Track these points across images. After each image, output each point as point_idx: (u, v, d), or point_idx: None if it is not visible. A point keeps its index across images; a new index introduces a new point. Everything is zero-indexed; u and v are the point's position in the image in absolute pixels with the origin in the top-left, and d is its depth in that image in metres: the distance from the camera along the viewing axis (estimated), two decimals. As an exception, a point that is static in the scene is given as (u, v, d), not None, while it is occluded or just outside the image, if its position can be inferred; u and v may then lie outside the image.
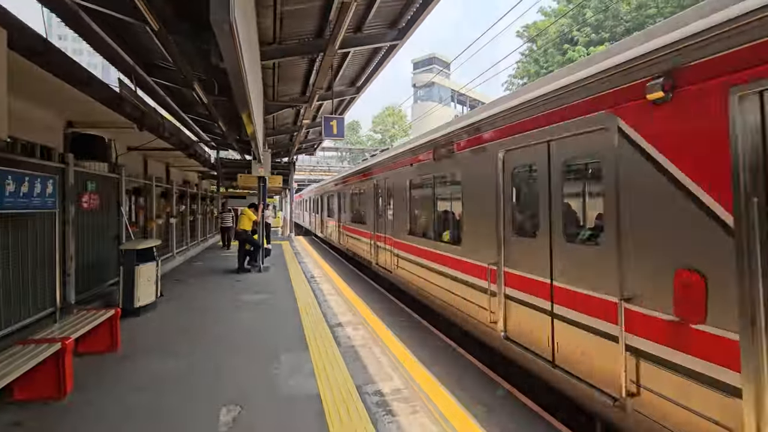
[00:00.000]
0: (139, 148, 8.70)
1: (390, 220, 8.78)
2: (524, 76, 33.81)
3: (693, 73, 2.59)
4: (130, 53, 7.05)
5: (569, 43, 29.00)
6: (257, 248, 11.11)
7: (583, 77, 3.43)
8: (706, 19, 2.50)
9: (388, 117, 65.21)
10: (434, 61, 61.94)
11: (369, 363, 4.65)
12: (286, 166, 21.39)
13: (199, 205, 16.49)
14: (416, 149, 7.28)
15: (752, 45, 2.28)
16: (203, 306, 7.35)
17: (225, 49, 2.90)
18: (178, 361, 4.72)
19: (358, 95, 11.01)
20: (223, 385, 4.08)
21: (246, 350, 5.09)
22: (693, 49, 2.58)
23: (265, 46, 6.98)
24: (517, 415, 3.68)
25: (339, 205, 15.33)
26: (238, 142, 14.56)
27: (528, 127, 4.14)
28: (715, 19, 2.44)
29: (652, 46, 2.84)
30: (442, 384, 4.13)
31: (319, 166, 55.20)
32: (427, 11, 6.45)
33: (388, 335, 5.66)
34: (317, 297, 8.00)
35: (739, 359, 2.27)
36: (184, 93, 9.58)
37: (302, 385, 4.08)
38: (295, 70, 9.03)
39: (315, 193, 23.77)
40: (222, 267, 11.82)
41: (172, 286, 8.92)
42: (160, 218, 10.60)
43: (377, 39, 7.46)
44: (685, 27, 2.63)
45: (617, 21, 27.09)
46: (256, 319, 6.47)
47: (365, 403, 3.69)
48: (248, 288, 8.87)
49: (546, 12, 32.92)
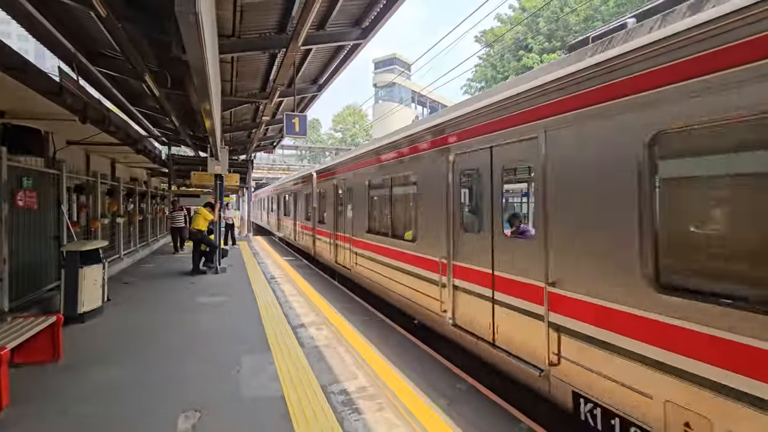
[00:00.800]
0: (81, 143, 8.08)
1: (349, 220, 9.02)
2: (482, 80, 34.92)
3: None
4: (71, 39, 6.52)
5: (524, 50, 30.30)
6: (213, 249, 10.68)
7: (520, 92, 3.94)
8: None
9: (348, 116, 64.95)
10: (395, 62, 62.40)
11: (334, 362, 4.62)
12: (244, 163, 20.69)
13: (149, 204, 15.59)
14: (374, 151, 7.63)
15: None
16: (156, 310, 6.97)
17: (188, 42, 2.75)
18: (130, 368, 4.45)
19: (320, 93, 10.86)
20: (180, 392, 3.90)
21: (204, 354, 4.89)
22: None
23: (223, 39, 6.72)
24: (478, 406, 3.81)
25: (299, 205, 15.57)
26: (192, 138, 13.91)
27: (473, 134, 4.64)
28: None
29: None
30: (407, 380, 4.19)
31: (277, 164, 53.98)
32: (391, 11, 6.48)
33: (353, 334, 5.65)
34: (278, 298, 7.83)
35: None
36: (132, 85, 9.01)
37: (265, 387, 3.99)
38: (255, 65, 8.76)
39: (274, 192, 23.21)
40: (175, 269, 11.25)
41: (120, 289, 8.37)
42: (105, 218, 9.91)
43: (341, 37, 7.40)
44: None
45: (567, 31, 28.66)
46: (214, 322, 6.23)
47: (331, 403, 3.67)
48: (204, 290, 8.51)
49: (502, 19, 34.18)
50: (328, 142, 64.47)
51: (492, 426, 3.50)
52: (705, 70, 2.50)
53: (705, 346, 2.43)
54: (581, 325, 3.26)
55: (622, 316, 2.93)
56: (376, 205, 7.94)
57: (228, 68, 8.26)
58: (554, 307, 3.51)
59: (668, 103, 2.69)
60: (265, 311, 6.81)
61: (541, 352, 3.60)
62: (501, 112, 4.20)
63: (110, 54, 7.40)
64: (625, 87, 2.95)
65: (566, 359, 3.37)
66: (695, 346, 2.49)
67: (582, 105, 3.30)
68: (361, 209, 8.35)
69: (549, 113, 3.62)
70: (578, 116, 3.33)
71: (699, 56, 2.53)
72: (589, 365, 3.18)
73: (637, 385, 2.82)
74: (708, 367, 2.41)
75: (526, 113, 3.86)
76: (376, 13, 6.78)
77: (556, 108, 3.56)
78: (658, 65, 2.75)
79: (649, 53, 2.79)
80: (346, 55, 8.47)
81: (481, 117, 4.52)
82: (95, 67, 7.54)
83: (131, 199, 12.73)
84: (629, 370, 2.87)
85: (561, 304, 3.45)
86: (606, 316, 3.05)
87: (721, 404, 2.34)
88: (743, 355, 2.25)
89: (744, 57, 2.33)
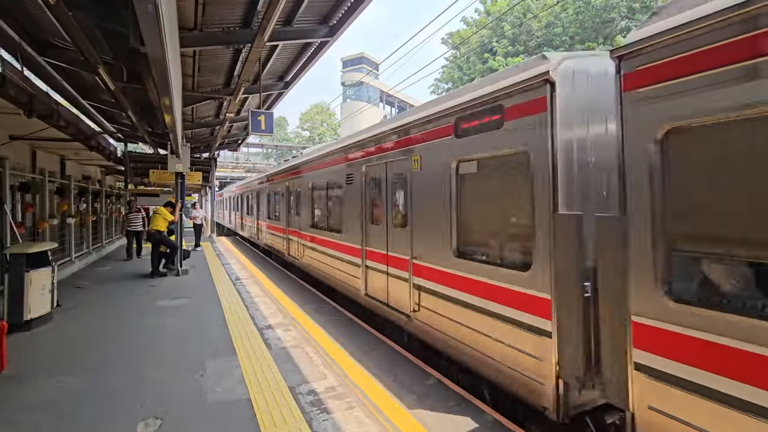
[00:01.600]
0: (26, 138, 7.53)
1: (297, 216, 10.55)
2: (449, 81, 35.52)
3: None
4: (14, 26, 6.08)
5: (489, 53, 31.08)
6: (174, 250, 10.26)
7: (401, 123, 5.44)
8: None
9: (316, 115, 64.16)
10: (363, 61, 62.28)
11: (302, 363, 4.57)
12: (207, 162, 20.03)
13: (103, 204, 14.74)
14: (313, 160, 9.29)
15: None
16: (112, 315, 6.61)
17: (147, 33, 2.62)
18: (83, 376, 4.21)
19: (287, 90, 10.69)
20: (138, 399, 3.73)
21: (166, 360, 4.70)
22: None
23: (184, 32, 6.48)
24: (445, 400, 3.89)
25: (258, 204, 16.50)
26: (151, 134, 13.29)
27: (377, 152, 6.13)
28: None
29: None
30: (376, 378, 4.22)
31: (241, 163, 52.61)
32: (359, 10, 6.49)
33: (321, 334, 5.61)
34: (244, 299, 7.64)
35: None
36: (85, 77, 8.51)
37: (231, 390, 3.89)
38: (218, 60, 8.50)
39: (238, 192, 22.63)
40: (133, 271, 10.72)
41: (72, 294, 7.89)
42: (54, 218, 9.29)
43: (308, 34, 7.32)
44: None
45: (530, 36, 29.66)
46: (176, 326, 6.00)
47: (299, 404, 3.63)
48: (165, 293, 8.16)
49: (468, 22, 34.90)
50: (295, 141, 63.44)
51: (459, 419, 3.59)
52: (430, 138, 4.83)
53: (476, 287, 4.07)
54: (428, 283, 4.82)
55: (444, 274, 4.52)
56: (316, 204, 9.34)
57: (189, 62, 7.97)
58: (415, 272, 5.07)
59: (458, 146, 4.32)
60: (230, 313, 6.63)
61: (408, 304, 5.18)
62: (388, 137, 5.78)
63: (60, 44, 6.95)
64: (425, 137, 4.91)
65: (422, 306, 4.94)
66: (474, 287, 4.09)
67: (415, 142, 5.10)
68: (306, 208, 9.76)
69: (411, 143, 5.22)
70: (423, 147, 4.94)
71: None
72: (432, 309, 4.75)
73: (451, 315, 4.41)
74: (477, 298, 4.04)
75: (401, 141, 5.44)
76: (343, 11, 6.76)
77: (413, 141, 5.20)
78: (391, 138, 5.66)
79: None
80: (313, 53, 8.38)
81: (377, 140, 6.09)
82: (43, 57, 7.06)
83: (83, 198, 11.97)
84: (448, 308, 4.45)
85: (418, 270, 5.01)
86: (438, 276, 4.63)
87: (480, 318, 4.01)
88: (492, 291, 3.86)
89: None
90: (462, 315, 4.23)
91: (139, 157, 17.25)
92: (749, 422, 2.10)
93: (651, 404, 2.56)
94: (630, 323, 2.66)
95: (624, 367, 2.72)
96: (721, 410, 2.21)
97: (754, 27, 2.12)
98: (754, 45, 2.12)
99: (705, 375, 2.29)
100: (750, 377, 2.11)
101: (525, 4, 29.61)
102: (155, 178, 14.24)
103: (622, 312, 2.74)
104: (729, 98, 2.21)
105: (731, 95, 2.21)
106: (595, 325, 3.01)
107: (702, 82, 2.33)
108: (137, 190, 22.18)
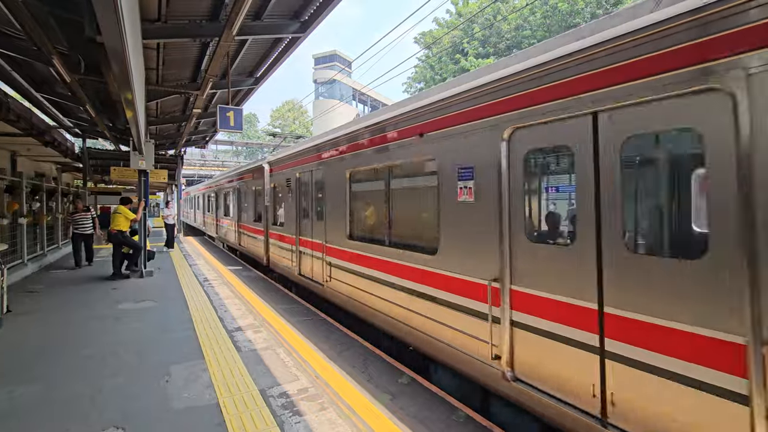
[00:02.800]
0: (-28, 132, 7.02)
1: (242, 212, 13.40)
2: (422, 80, 35.79)
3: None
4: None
5: (461, 54, 31.54)
6: (138, 250, 9.81)
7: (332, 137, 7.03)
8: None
9: (288, 112, 63.10)
10: (336, 58, 61.74)
11: (273, 365, 4.48)
12: (173, 159, 19.30)
13: (59, 203, 13.93)
14: (246, 168, 12.14)
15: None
16: (68, 320, 6.25)
17: (104, 22, 2.46)
18: (36, 386, 3.96)
19: (257, 87, 10.41)
20: (98, 408, 3.54)
21: (128, 366, 4.49)
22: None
23: (147, 23, 6.19)
24: (419, 398, 3.92)
25: (214, 203, 18.86)
26: (112, 130, 12.64)
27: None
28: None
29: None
30: (349, 377, 4.19)
31: (210, 160, 51.15)
32: (331, 6, 6.39)
33: (293, 335, 5.52)
34: (213, 301, 7.41)
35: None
36: (38, 68, 7.99)
37: (198, 396, 3.76)
38: (184, 54, 8.18)
39: (206, 190, 21.98)
40: (92, 274, 10.18)
41: (24, 299, 7.41)
42: (4, 218, 8.69)
43: (278, 29, 7.15)
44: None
45: (500, 38, 30.32)
46: (140, 331, 5.74)
47: (270, 407, 3.55)
48: (128, 296, 7.81)
49: (440, 23, 35.27)
50: (265, 138, 62.15)
51: (432, 416, 3.62)
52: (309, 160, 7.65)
53: (355, 257, 5.95)
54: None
55: (342, 252, 6.36)
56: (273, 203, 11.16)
57: (153, 55, 7.62)
58: (326, 252, 6.89)
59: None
60: (198, 316, 6.42)
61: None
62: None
63: (9, 32, 6.49)
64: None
65: (331, 278, 6.70)
66: (358, 258, 5.88)
67: (325, 157, 7.12)
68: (256, 206, 11.89)
69: (315, 159, 7.52)
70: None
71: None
72: (336, 278, 6.53)
73: (347, 280, 6.19)
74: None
75: (316, 156, 7.48)
76: (315, 7, 6.65)
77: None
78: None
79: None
80: (284, 49, 8.21)
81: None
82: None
83: (37, 197, 11.27)
84: (348, 277, 6.16)
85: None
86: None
87: (355, 278, 5.95)
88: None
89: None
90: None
91: (100, 153, 16.40)
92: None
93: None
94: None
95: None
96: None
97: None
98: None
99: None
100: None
101: (495, 7, 30.23)
102: (117, 176, 13.59)
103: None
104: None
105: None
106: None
107: None
108: (98, 188, 21.12)
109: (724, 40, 2.16)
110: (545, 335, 3.11)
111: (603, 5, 25.75)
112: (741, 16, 2.10)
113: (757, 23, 2.05)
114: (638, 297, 2.52)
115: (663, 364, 2.38)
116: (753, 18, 2.06)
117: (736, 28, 2.11)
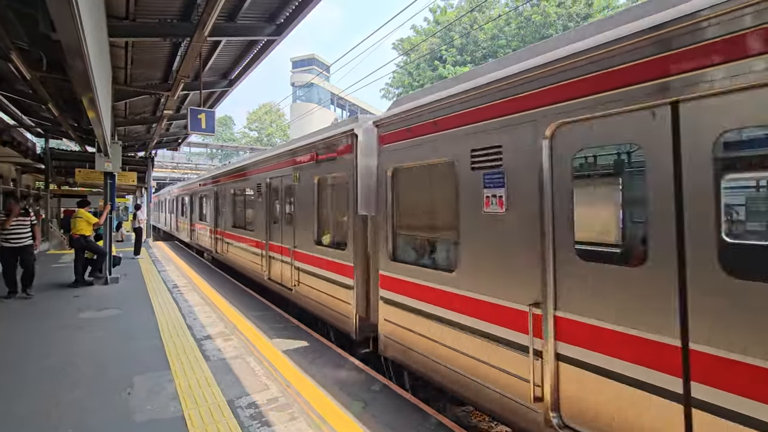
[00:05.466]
0: None
1: (214, 216, 13.08)
2: (399, 86, 36.03)
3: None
4: None
5: (439, 61, 31.96)
6: (102, 256, 9.39)
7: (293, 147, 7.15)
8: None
9: (265, 115, 62.27)
10: (314, 62, 61.50)
11: (243, 375, 4.36)
12: (143, 161, 18.69)
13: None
14: (225, 172, 11.74)
15: None
16: (23, 330, 5.91)
17: (58, 17, 2.34)
18: (-16, 403, 3.70)
19: (231, 89, 10.22)
20: (53, 424, 3.34)
21: (87, 378, 4.27)
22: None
23: (114, 20, 5.99)
24: (390, 406, 3.89)
25: (180, 207, 18.94)
26: (77, 130, 12.14)
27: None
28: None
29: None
30: (321, 386, 4.12)
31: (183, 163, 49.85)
32: (307, 9, 6.34)
33: (265, 343, 5.40)
34: (181, 309, 7.17)
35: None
36: (-5, 64, 7.59)
37: (162, 408, 3.61)
38: (155, 53, 7.94)
39: (179, 194, 21.34)
40: (52, 280, 9.66)
41: (-26, 308, 6.95)
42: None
43: (253, 31, 7.05)
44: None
45: (477, 47, 30.93)
46: (102, 340, 5.48)
47: (238, 418, 3.45)
48: (91, 304, 7.45)
49: (418, 30, 35.68)
50: (242, 141, 61.08)
51: (405, 424, 3.60)
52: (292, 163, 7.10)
53: (318, 261, 6.08)
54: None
55: (311, 257, 6.33)
56: (232, 207, 11.02)
57: (121, 54, 7.38)
58: (294, 257, 6.85)
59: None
60: (165, 324, 6.19)
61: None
62: (282, 157, 7.62)
63: (-39, 24, 6.13)
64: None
65: (300, 282, 6.69)
66: (318, 262, 6.07)
67: (296, 163, 6.97)
68: (220, 209, 11.96)
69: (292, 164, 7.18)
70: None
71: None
72: (304, 282, 6.56)
73: (313, 284, 6.29)
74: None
75: (289, 161, 7.26)
76: (291, 10, 6.59)
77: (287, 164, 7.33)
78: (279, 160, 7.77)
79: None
80: (259, 51, 8.10)
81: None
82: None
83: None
84: (311, 281, 6.31)
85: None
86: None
87: (324, 284, 5.94)
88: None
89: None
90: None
91: (64, 154, 15.72)
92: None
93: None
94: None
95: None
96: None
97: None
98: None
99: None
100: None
101: (472, 16, 30.84)
102: (82, 178, 13.07)
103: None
104: (416, 153, 4.17)
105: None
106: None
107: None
108: (62, 190, 20.18)
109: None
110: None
111: (574, 18, 26.71)
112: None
113: None
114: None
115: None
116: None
117: None
